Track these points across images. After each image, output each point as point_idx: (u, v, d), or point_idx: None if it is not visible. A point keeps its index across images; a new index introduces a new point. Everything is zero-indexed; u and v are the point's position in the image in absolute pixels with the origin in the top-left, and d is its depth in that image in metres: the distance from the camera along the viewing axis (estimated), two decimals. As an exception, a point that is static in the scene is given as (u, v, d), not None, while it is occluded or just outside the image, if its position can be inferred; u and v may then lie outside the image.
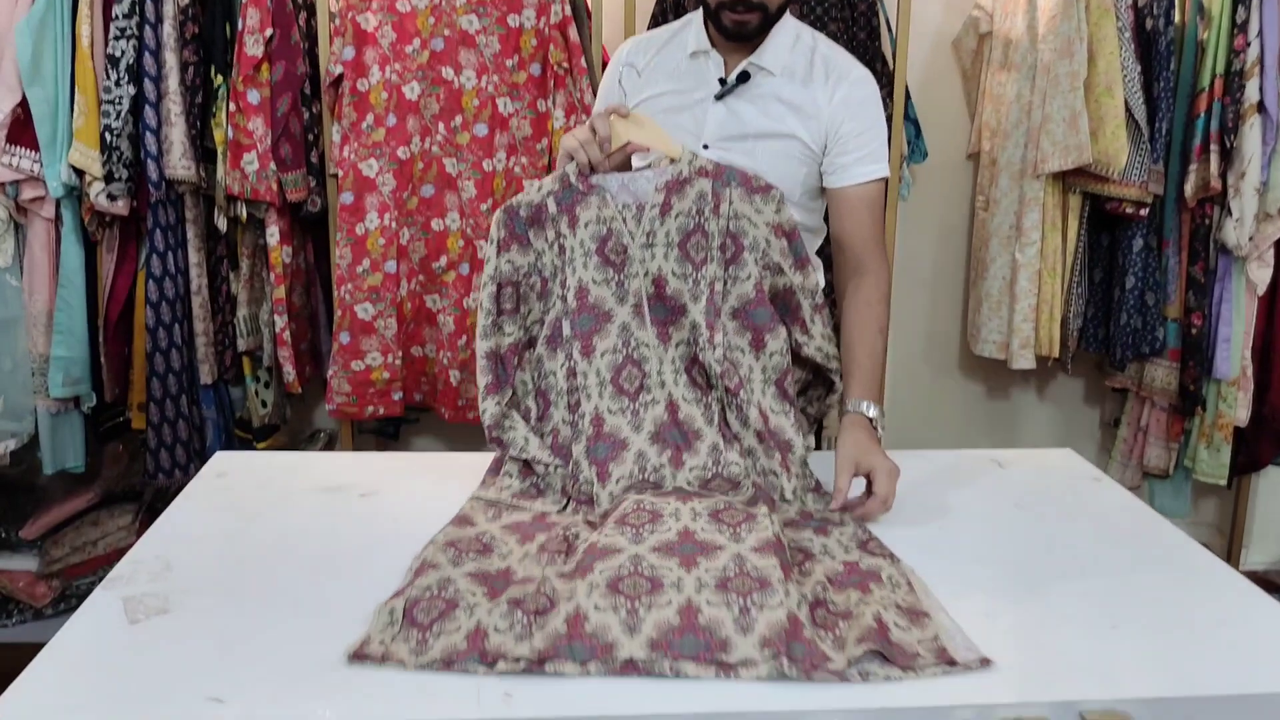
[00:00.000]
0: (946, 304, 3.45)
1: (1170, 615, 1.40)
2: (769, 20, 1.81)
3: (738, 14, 1.77)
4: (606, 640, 1.22)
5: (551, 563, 1.41)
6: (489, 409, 1.70)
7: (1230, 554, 3.32)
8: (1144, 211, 2.82)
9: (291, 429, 3.29)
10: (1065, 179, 2.90)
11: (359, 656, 1.24)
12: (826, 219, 1.96)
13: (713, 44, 1.87)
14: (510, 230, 1.71)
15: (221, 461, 1.94)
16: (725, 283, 1.69)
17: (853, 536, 1.55)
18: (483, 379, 1.70)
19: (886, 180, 1.87)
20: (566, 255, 1.70)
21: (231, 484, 1.83)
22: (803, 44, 1.88)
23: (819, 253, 2.03)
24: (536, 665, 1.20)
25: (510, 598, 1.29)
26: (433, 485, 1.78)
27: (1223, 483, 3.00)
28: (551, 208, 1.71)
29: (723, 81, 1.86)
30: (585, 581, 1.30)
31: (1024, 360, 2.97)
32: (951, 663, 1.23)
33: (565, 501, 1.64)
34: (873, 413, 1.73)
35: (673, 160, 1.71)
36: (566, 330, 1.69)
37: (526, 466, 1.70)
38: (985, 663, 1.25)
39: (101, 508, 3.12)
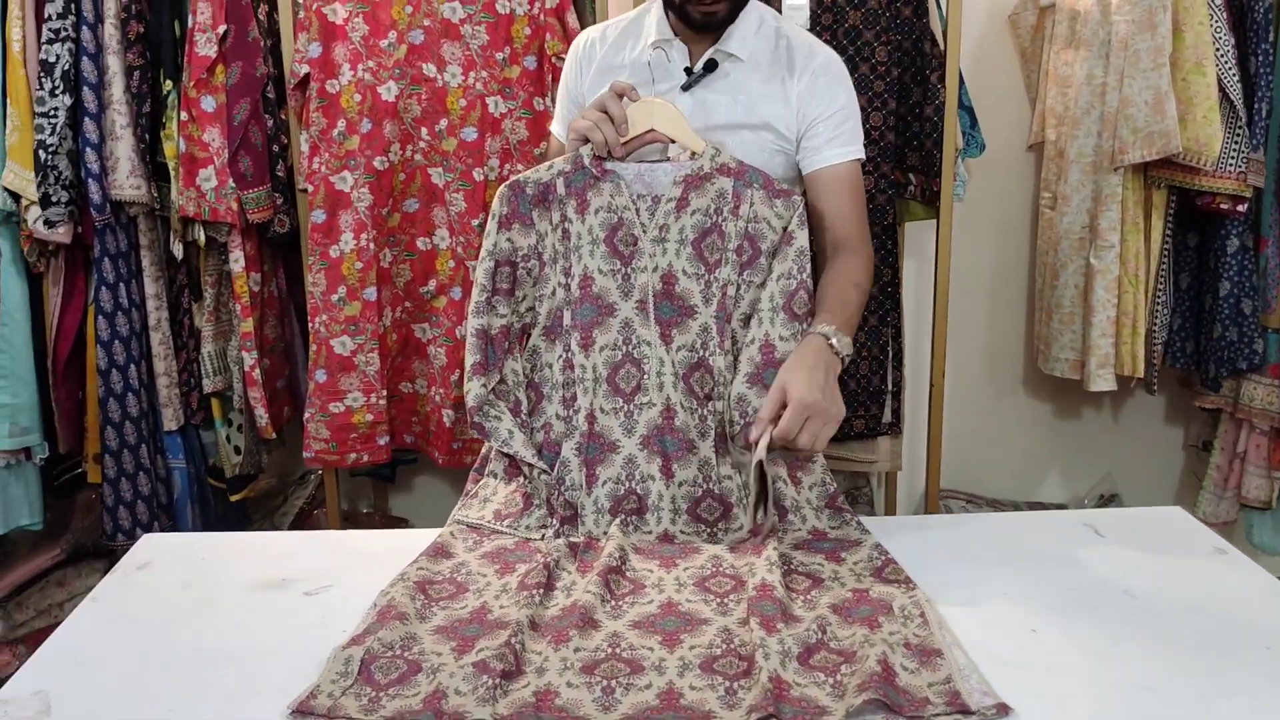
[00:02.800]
0: (1008, 316, 3.07)
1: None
2: (737, 7, 1.71)
3: (706, 5, 1.66)
4: (578, 714, 1.15)
5: (529, 602, 1.35)
6: (474, 390, 1.64)
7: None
8: (1241, 207, 2.43)
9: (280, 468, 2.98)
10: (1147, 171, 2.51)
11: (303, 711, 1.16)
12: None
13: (674, 32, 1.75)
14: (514, 208, 1.66)
15: (146, 548, 1.63)
16: (739, 287, 1.64)
17: (868, 561, 1.47)
18: (470, 358, 1.64)
19: (862, 163, 1.77)
20: (571, 241, 1.65)
21: (151, 579, 1.53)
22: (766, 28, 1.77)
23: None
24: None
25: (475, 660, 1.22)
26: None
27: (1334, 515, 2.61)
28: (560, 189, 1.66)
29: (689, 71, 1.75)
30: (558, 655, 1.25)
31: (1103, 381, 2.58)
32: (965, 711, 1.13)
33: (549, 521, 1.59)
34: (827, 330, 1.57)
35: (694, 154, 1.65)
36: (567, 320, 1.65)
37: (512, 465, 1.65)
38: (1004, 709, 1.13)
39: (68, 564, 2.82)
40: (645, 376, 1.63)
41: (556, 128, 1.88)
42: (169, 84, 2.37)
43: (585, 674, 1.21)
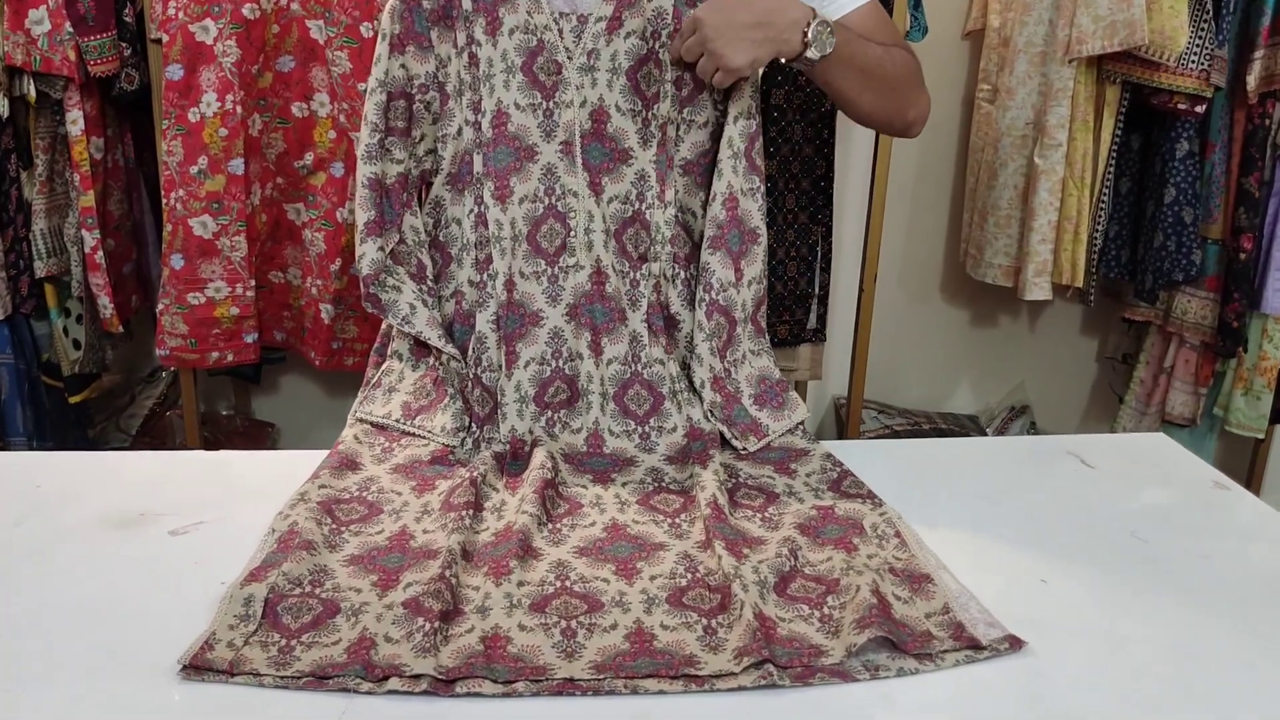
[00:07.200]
0: (930, 216, 2.90)
1: None
2: None
3: None
4: (537, 662, 0.97)
5: (459, 527, 1.16)
6: (369, 254, 1.40)
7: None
8: (1200, 108, 2.28)
9: (126, 364, 2.66)
10: (1102, 65, 2.34)
11: (197, 666, 0.93)
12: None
13: None
14: (409, 26, 1.39)
15: (-36, 473, 1.32)
16: (679, 127, 1.43)
17: (822, 473, 1.33)
18: (363, 215, 1.40)
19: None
20: (481, 69, 1.40)
21: (-28, 516, 1.22)
22: None
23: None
24: (443, 686, 0.93)
25: (406, 597, 1.04)
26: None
27: (1260, 435, 2.55)
28: (466, 2, 1.40)
29: None
30: (500, 591, 1.06)
31: (1040, 290, 2.43)
32: (975, 646, 1.00)
33: (466, 421, 1.39)
34: (821, 17, 1.36)
35: None
36: (478, 166, 1.41)
37: (419, 344, 1.44)
38: (1015, 643, 1.00)
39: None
40: (571, 234, 1.41)
41: None
42: (-14, -100, 1.99)
43: (536, 613, 1.04)
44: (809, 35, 1.34)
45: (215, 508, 1.24)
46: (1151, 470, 1.44)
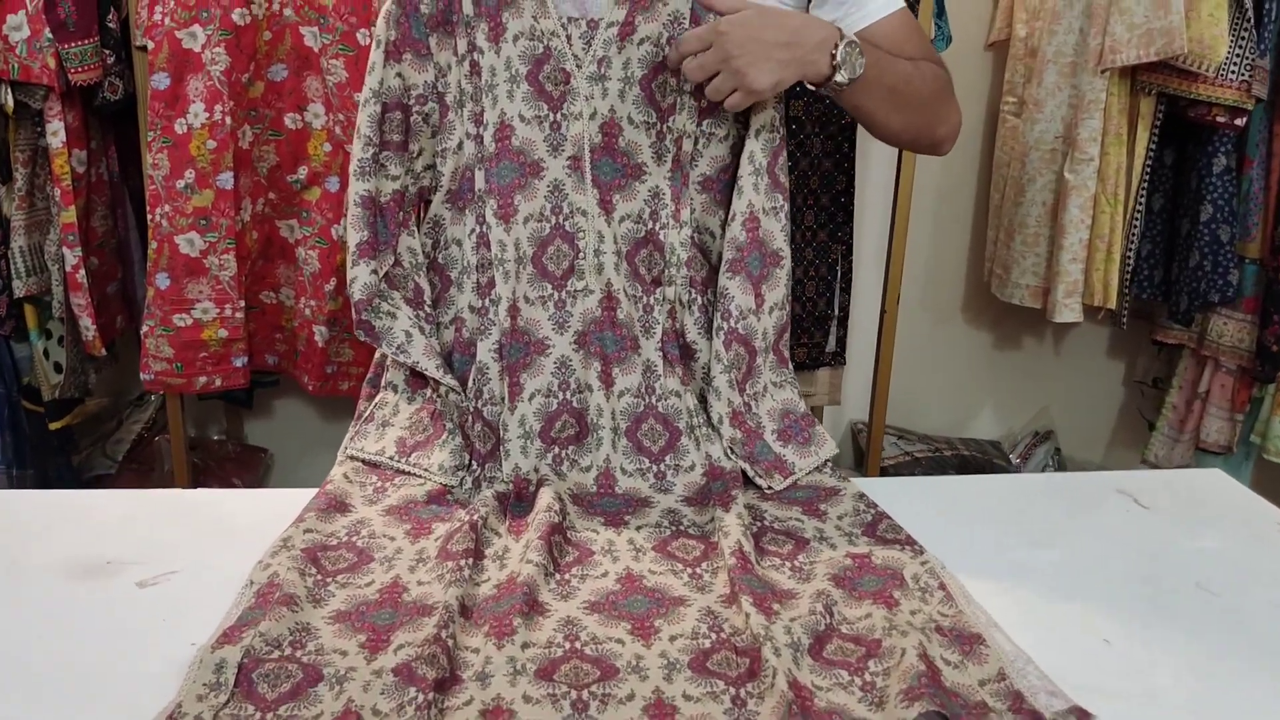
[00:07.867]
0: (952, 234, 2.80)
1: None
2: None
3: None
4: None
5: (457, 578, 1.07)
6: (361, 278, 1.32)
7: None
8: (1240, 121, 2.18)
9: (113, 386, 2.57)
10: (1135, 75, 2.24)
11: None
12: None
13: None
14: (405, 31, 1.30)
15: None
16: (696, 141, 1.34)
17: (855, 515, 1.24)
18: (355, 235, 1.32)
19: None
20: (483, 78, 1.32)
21: (-77, 560, 1.13)
22: None
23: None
24: None
25: (397, 662, 0.94)
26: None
27: (1299, 464, 2.43)
28: (467, 7, 1.31)
29: None
30: (502, 654, 0.97)
31: (1070, 312, 2.33)
32: (1037, 718, 0.90)
33: (465, 458, 1.31)
34: (849, 36, 1.26)
35: None
36: (480, 183, 1.33)
37: (416, 375, 1.36)
38: (1082, 715, 0.90)
39: None
40: (580, 256, 1.33)
41: None
42: (-38, -100, 1.90)
43: (543, 680, 0.95)
44: (838, 57, 1.24)
45: (189, 555, 1.14)
46: (1210, 510, 1.33)
